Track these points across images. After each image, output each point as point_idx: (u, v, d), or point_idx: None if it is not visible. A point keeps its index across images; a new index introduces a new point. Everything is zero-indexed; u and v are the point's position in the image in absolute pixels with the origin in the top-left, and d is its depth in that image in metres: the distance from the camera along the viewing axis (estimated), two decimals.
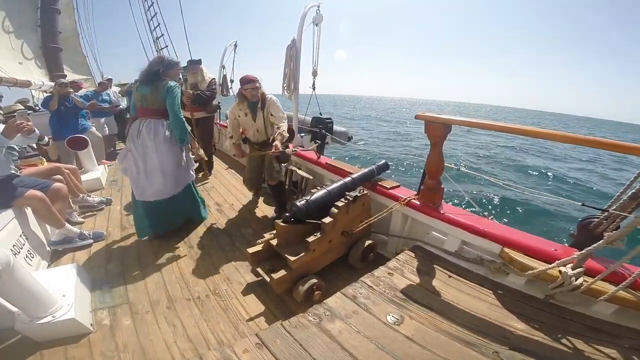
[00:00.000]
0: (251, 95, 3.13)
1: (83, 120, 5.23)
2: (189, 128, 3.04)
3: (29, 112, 6.33)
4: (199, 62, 4.64)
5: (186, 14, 9.45)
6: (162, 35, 10.70)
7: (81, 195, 3.59)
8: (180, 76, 3.32)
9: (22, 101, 7.58)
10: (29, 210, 2.65)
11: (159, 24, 10.75)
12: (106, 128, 6.36)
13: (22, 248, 2.34)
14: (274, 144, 2.96)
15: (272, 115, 3.19)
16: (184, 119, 2.87)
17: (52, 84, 5.30)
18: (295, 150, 3.29)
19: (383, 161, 3.03)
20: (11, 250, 2.16)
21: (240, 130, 3.48)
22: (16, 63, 6.79)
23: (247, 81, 3.11)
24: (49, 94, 5.18)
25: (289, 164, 3.79)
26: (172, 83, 2.81)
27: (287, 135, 3.19)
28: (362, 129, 28.70)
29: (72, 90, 5.06)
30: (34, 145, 3.93)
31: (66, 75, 7.75)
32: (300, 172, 3.61)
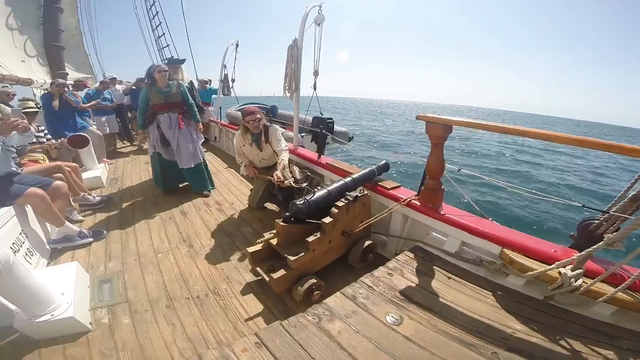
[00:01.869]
0: (253, 127, 3.26)
1: (80, 119, 5.25)
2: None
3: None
4: (180, 61, 4.89)
5: (186, 11, 9.48)
6: (164, 34, 10.74)
7: (82, 194, 3.59)
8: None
9: (26, 99, 7.58)
10: (29, 208, 2.66)
11: (160, 23, 10.79)
12: (107, 126, 6.36)
13: (21, 246, 2.34)
14: (275, 173, 3.05)
15: (272, 147, 3.34)
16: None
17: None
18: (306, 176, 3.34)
19: (384, 161, 3.02)
20: (11, 248, 2.17)
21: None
22: (19, 61, 6.79)
23: (248, 113, 3.25)
24: (45, 92, 5.20)
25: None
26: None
27: (288, 166, 3.30)
28: None
29: (67, 90, 5.06)
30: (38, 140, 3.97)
31: (67, 74, 7.75)
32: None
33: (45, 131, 4.15)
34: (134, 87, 7.04)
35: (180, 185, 4.45)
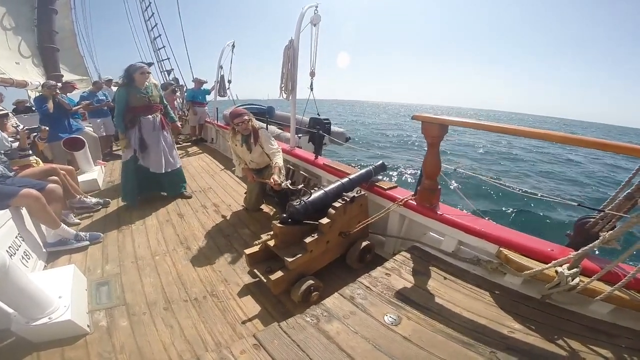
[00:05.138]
0: (241, 129, 3.22)
1: (73, 121, 5.23)
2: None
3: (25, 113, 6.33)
4: (149, 64, 5.04)
5: (183, 14, 9.48)
6: (160, 35, 10.73)
7: (78, 197, 3.57)
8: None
9: (20, 102, 7.56)
10: (24, 212, 2.64)
11: (156, 24, 10.79)
12: (103, 129, 6.32)
13: (18, 249, 2.33)
14: (272, 177, 2.98)
15: (264, 150, 3.28)
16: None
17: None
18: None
19: (380, 162, 3.03)
20: (7, 251, 2.15)
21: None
22: (13, 63, 6.76)
23: (235, 115, 3.20)
24: (38, 95, 5.16)
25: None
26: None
27: (283, 168, 3.25)
28: None
29: (59, 92, 5.02)
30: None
31: (62, 76, 7.72)
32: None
33: (21, 126, 4.01)
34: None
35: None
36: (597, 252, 1.77)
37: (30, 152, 3.72)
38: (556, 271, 1.69)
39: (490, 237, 2.06)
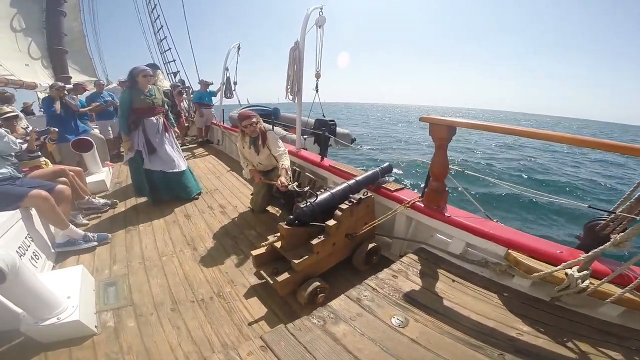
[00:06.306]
0: (250, 131, 3.24)
1: (81, 122, 5.28)
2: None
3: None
4: (157, 67, 4.95)
5: (189, 15, 9.55)
6: (165, 37, 10.82)
7: (86, 197, 3.61)
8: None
9: (29, 104, 7.66)
10: (34, 212, 2.67)
11: (162, 26, 10.87)
12: (111, 131, 6.37)
13: (27, 250, 2.36)
14: (279, 179, 3.01)
15: (271, 152, 3.32)
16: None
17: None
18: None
19: (387, 163, 3.02)
20: (17, 251, 2.18)
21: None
22: (23, 65, 6.85)
23: (243, 117, 3.23)
24: (46, 97, 5.21)
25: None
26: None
27: (290, 170, 3.27)
28: None
29: (66, 93, 5.07)
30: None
31: (71, 77, 7.80)
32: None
33: (30, 128, 4.05)
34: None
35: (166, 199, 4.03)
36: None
37: (39, 153, 3.77)
38: (566, 273, 1.67)
39: (499, 239, 2.04)
